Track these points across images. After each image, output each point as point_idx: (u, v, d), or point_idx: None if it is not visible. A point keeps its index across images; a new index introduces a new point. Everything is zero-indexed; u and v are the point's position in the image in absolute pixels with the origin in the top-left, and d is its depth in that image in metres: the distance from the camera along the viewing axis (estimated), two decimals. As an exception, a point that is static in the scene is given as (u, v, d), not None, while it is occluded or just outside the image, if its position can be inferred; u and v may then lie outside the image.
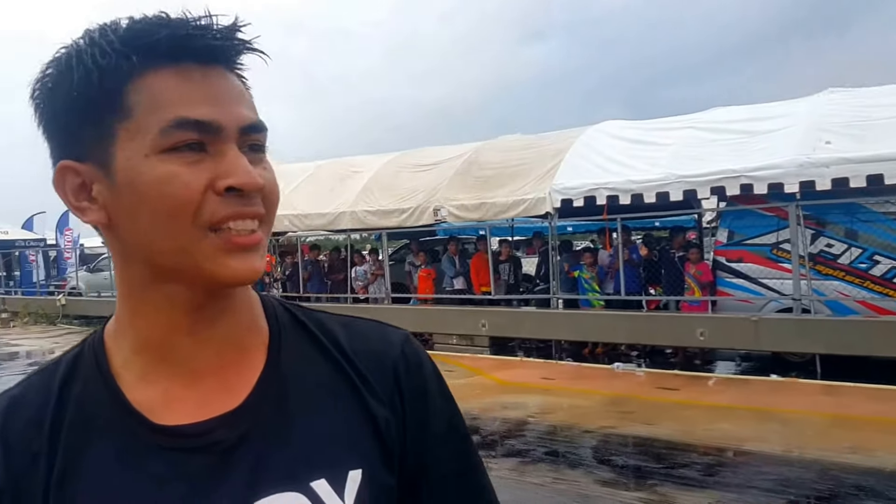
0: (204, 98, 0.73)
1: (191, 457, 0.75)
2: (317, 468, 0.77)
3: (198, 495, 0.73)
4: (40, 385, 0.79)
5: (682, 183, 10.15)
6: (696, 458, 6.13)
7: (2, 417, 0.76)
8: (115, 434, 0.75)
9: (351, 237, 16.15)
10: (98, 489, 0.73)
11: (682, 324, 10.35)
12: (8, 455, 0.74)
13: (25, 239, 28.75)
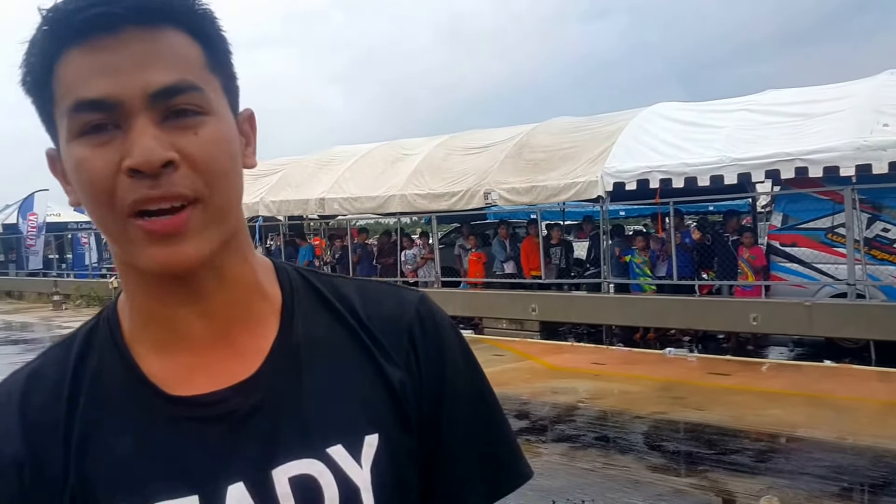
0: (100, 71, 0.69)
1: (206, 427, 0.75)
2: (332, 434, 0.77)
3: (214, 464, 0.74)
4: (57, 358, 0.80)
5: (737, 166, 10.10)
6: (747, 445, 6.17)
7: (22, 391, 0.77)
8: (131, 406, 0.76)
9: (400, 221, 16.36)
10: (116, 460, 0.74)
11: (735, 309, 10.33)
12: (28, 428, 0.75)
13: (78, 221, 29.30)
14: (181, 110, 0.70)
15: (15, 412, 0.76)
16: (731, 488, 5.19)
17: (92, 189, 0.70)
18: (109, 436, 0.75)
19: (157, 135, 0.68)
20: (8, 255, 29.37)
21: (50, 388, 0.77)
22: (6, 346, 14.04)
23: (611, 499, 5.01)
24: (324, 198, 15.92)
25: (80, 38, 0.69)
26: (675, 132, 11.68)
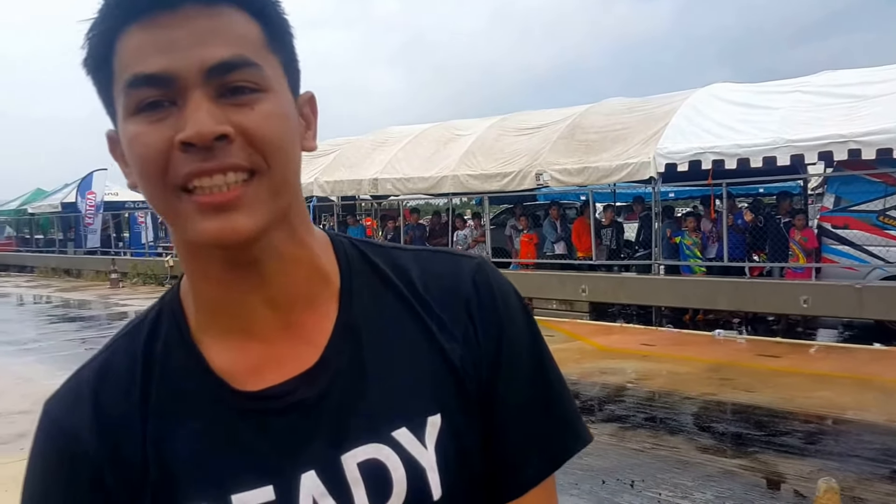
0: (158, 47, 0.68)
1: (274, 419, 0.76)
2: (397, 417, 0.77)
3: (285, 456, 0.75)
4: (126, 349, 0.80)
5: (790, 147, 10.07)
6: (797, 426, 6.29)
7: (94, 386, 0.78)
8: (203, 400, 0.77)
9: (452, 201, 16.54)
10: (192, 455, 0.75)
11: (786, 291, 10.36)
12: (103, 424, 0.76)
13: (135, 200, 29.67)
14: (238, 87, 0.70)
15: (89, 409, 0.77)
16: (781, 470, 5.31)
17: (144, 164, 0.70)
18: (184, 430, 0.76)
19: (212, 109, 0.68)
20: (67, 233, 30.03)
21: (121, 383, 0.78)
22: (64, 323, 14.57)
23: (660, 479, 5.16)
24: (377, 178, 16.15)
25: (142, 16, 0.69)
26: (728, 113, 11.63)
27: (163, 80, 0.68)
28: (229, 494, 0.74)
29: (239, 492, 0.74)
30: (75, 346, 11.46)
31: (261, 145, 0.70)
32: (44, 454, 0.77)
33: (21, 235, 34.63)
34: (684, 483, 5.09)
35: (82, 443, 0.76)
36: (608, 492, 4.98)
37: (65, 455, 0.76)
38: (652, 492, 4.95)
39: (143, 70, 0.68)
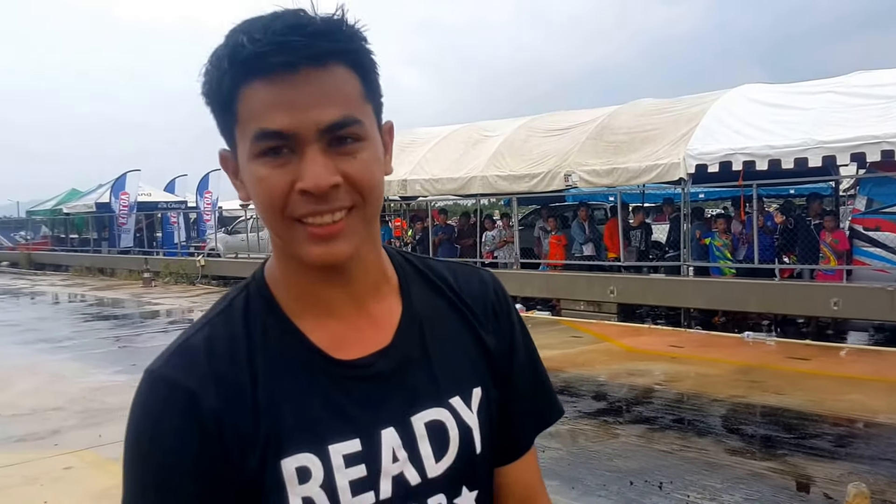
0: (283, 107, 0.83)
1: (361, 384, 0.93)
2: (452, 387, 0.98)
3: (370, 414, 0.92)
4: (225, 327, 0.93)
5: (822, 149, 9.99)
6: (826, 429, 6.25)
7: (206, 352, 0.90)
8: (303, 366, 0.92)
9: (480, 202, 16.56)
10: (296, 412, 0.89)
11: (816, 293, 10.28)
12: (221, 386, 0.88)
13: (168, 201, 29.90)
14: (343, 137, 0.86)
15: (206, 371, 0.89)
16: (811, 473, 5.28)
17: (269, 201, 0.86)
18: (288, 391, 0.90)
19: (325, 162, 0.85)
20: (101, 232, 30.47)
21: (228, 352, 0.91)
22: (98, 321, 14.81)
23: (689, 481, 5.15)
24: (406, 179, 16.24)
25: (266, 73, 0.83)
26: (759, 114, 11.56)
27: (285, 136, 0.84)
28: (326, 445, 0.89)
29: (334, 443, 0.90)
30: (109, 343, 11.67)
31: (360, 188, 0.88)
32: (163, 414, 0.87)
33: (56, 235, 35.11)
34: (713, 485, 5.08)
35: (203, 399, 0.87)
36: (636, 493, 4.98)
37: (189, 413, 0.87)
38: (680, 493, 4.94)
39: (270, 126, 0.84)
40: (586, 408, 7.13)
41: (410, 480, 0.93)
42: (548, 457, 5.76)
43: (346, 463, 0.90)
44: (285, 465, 0.88)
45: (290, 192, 0.85)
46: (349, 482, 0.90)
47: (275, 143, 0.84)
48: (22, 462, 5.84)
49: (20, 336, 12.76)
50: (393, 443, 0.93)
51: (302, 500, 0.88)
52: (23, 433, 6.73)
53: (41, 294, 21.20)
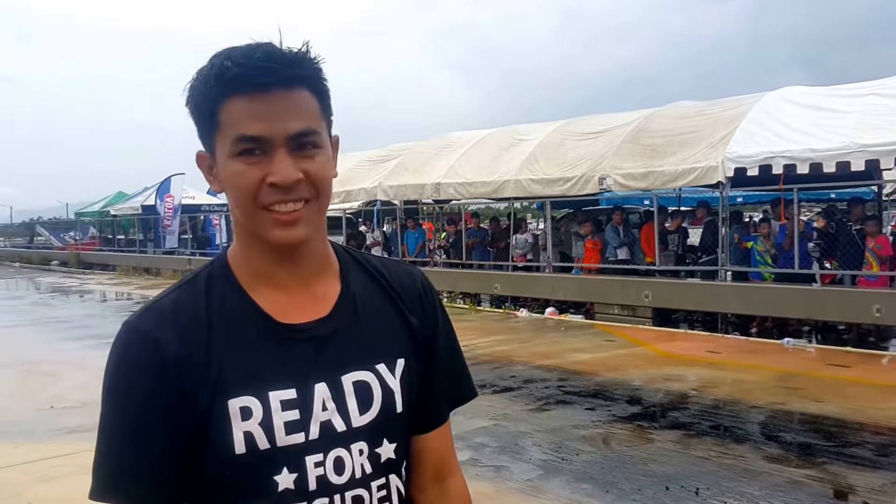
0: (259, 117, 1.05)
1: (300, 344, 1.12)
2: (378, 356, 1.18)
3: (306, 369, 1.11)
4: (189, 293, 1.13)
5: (865, 152, 9.70)
6: (868, 438, 6.02)
7: (172, 311, 1.10)
8: (252, 328, 1.11)
9: (513, 205, 16.42)
10: (244, 363, 1.08)
11: (858, 299, 9.98)
12: (181, 337, 1.07)
13: (210, 204, 30.68)
14: (305, 143, 1.08)
15: (171, 325, 1.08)
16: (852, 482, 5.09)
17: (243, 192, 1.08)
18: (239, 346, 1.09)
19: (290, 162, 1.07)
20: (147, 234, 31.07)
21: (191, 312, 1.10)
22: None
23: (726, 487, 5.00)
24: (439, 182, 16.21)
25: (246, 91, 1.05)
26: (800, 117, 11.28)
27: (259, 140, 1.06)
28: (267, 391, 1.08)
29: (273, 390, 1.08)
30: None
31: (317, 183, 1.10)
32: (133, 356, 1.07)
33: (104, 236, 35.85)
34: (751, 492, 4.93)
35: (167, 347, 1.06)
36: (672, 498, 4.85)
37: (154, 356, 1.06)
38: (717, 500, 4.80)
39: (248, 132, 1.05)
40: (620, 412, 6.97)
41: (337, 427, 1.12)
42: (581, 460, 5.63)
43: (282, 407, 1.08)
44: (231, 404, 1.06)
45: (261, 184, 1.06)
46: (284, 423, 1.08)
47: (251, 146, 1.06)
48: (74, 453, 5.97)
49: (70, 332, 12.97)
50: (324, 395, 1.11)
51: (243, 434, 1.06)
52: (74, 425, 6.87)
53: (89, 292, 21.55)
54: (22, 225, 56.27)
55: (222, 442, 1.05)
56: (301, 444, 1.09)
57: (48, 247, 41.27)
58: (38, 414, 7.32)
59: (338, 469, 1.11)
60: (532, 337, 11.65)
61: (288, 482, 1.08)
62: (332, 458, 1.11)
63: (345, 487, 1.12)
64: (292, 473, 1.08)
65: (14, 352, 11.00)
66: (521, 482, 5.22)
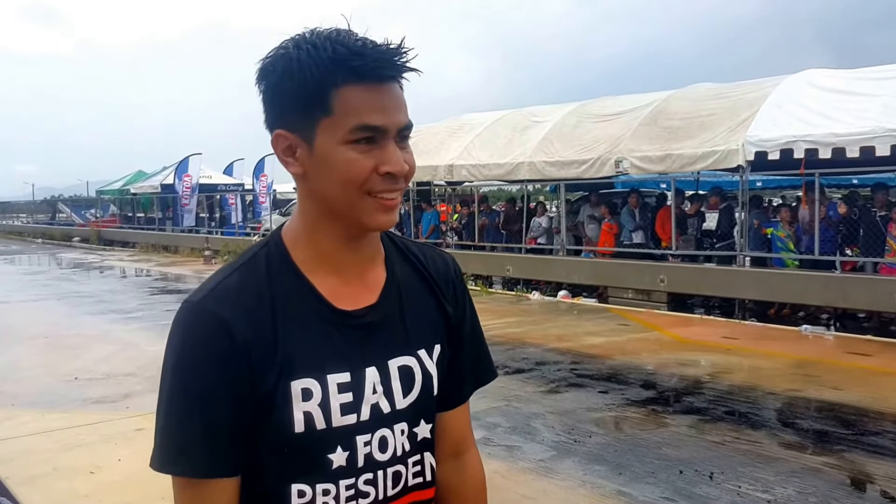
0: (378, 109, 1.08)
1: (354, 331, 1.16)
2: (419, 341, 1.23)
3: (358, 354, 1.15)
4: (251, 274, 1.14)
5: (891, 137, 9.44)
6: (888, 427, 5.86)
7: (236, 292, 1.11)
8: (311, 311, 1.14)
9: (527, 188, 16.25)
10: (305, 346, 1.11)
11: (879, 287, 9.76)
12: (249, 319, 1.09)
13: (226, 183, 31.04)
14: (405, 136, 1.13)
15: (237, 306, 1.09)
16: (870, 470, 4.97)
17: (354, 178, 1.09)
18: (300, 329, 1.12)
19: (399, 154, 1.11)
20: (165, 212, 31.30)
21: (254, 293, 1.11)
22: (164, 294, 15.16)
23: (741, 472, 4.89)
24: (453, 164, 16.06)
25: (362, 81, 1.07)
26: (823, 100, 11.03)
27: (380, 130, 1.08)
28: (326, 374, 1.12)
29: (331, 373, 1.13)
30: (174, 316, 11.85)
31: (409, 175, 1.13)
32: (203, 335, 1.08)
33: (124, 213, 36.18)
34: (766, 477, 4.83)
35: (236, 327, 1.07)
36: (686, 482, 4.75)
37: (223, 336, 1.07)
38: (731, 484, 4.70)
39: (371, 122, 1.07)
40: (634, 396, 6.85)
41: (383, 409, 1.17)
42: (594, 442, 5.54)
43: (338, 390, 1.13)
44: (293, 386, 1.10)
45: (372, 172, 1.09)
46: (339, 405, 1.13)
47: (369, 135, 1.08)
48: (98, 422, 6.16)
49: (93, 307, 13.12)
50: (374, 379, 1.16)
51: (303, 414, 1.10)
52: (98, 396, 7.06)
53: (110, 268, 21.79)
54: (44, 202, 56.85)
55: (283, 421, 1.10)
56: (353, 424, 1.14)
57: (70, 223, 41.71)
58: (64, 385, 7.48)
59: (382, 447, 1.18)
60: (545, 320, 11.54)
61: (341, 460, 1.13)
62: (377, 438, 1.17)
63: (387, 464, 1.18)
64: (345, 452, 1.14)
65: (38, 325, 11.17)
66: (534, 462, 5.16)
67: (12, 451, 5.45)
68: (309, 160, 1.11)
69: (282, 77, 1.08)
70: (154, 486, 4.56)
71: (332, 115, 1.07)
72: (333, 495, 1.14)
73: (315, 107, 1.08)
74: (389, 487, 1.19)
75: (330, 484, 1.14)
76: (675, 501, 4.44)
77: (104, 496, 4.65)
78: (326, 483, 1.13)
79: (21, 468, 5.08)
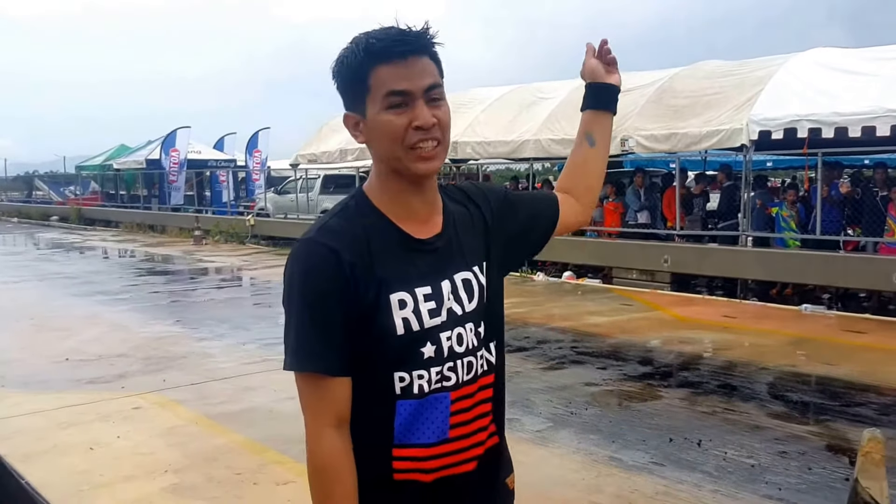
0: (403, 78, 1.46)
1: (428, 254, 1.56)
2: (472, 260, 1.62)
3: (433, 271, 1.55)
4: (346, 218, 1.53)
5: (891, 117, 9.99)
6: (873, 398, 6.49)
7: (341, 231, 1.50)
8: (396, 241, 1.53)
9: (533, 166, 16.72)
10: (395, 267, 1.51)
11: (878, 266, 10.37)
12: (353, 248, 1.48)
13: (217, 159, 30.73)
14: (434, 98, 1.50)
15: (343, 239, 1.49)
16: (850, 437, 5.49)
17: (394, 135, 1.48)
18: (391, 255, 1.52)
19: (428, 110, 1.49)
20: (151, 190, 31.39)
21: (353, 230, 1.51)
22: (152, 276, 15.61)
23: (728, 440, 5.46)
24: (457, 141, 16.43)
25: (388, 60, 1.47)
26: (828, 79, 11.57)
27: (406, 94, 1.47)
28: (413, 287, 1.52)
29: (417, 287, 1.52)
30: (163, 297, 12.38)
31: (443, 127, 1.52)
32: (320, 262, 1.47)
33: (106, 191, 36.09)
34: (751, 444, 5.39)
35: (344, 256, 1.47)
36: (675, 448, 5.33)
37: (336, 263, 1.47)
38: (718, 450, 5.27)
39: (396, 88, 1.47)
40: (632, 371, 7.47)
41: (457, 312, 1.57)
42: (590, 414, 6.14)
43: (424, 299, 1.53)
44: (392, 297, 1.50)
45: (408, 129, 1.47)
46: (427, 310, 1.53)
47: (398, 100, 1.46)
48: (94, 402, 6.45)
49: (78, 288, 13.50)
50: (447, 289, 1.57)
51: (401, 319, 1.50)
52: (92, 376, 7.35)
53: (92, 249, 22.04)
54: (18, 179, 56.67)
55: (386, 325, 1.49)
56: (438, 324, 1.53)
57: (47, 202, 41.53)
58: (55, 366, 7.76)
59: (458, 342, 1.57)
60: (548, 300, 12.16)
61: (430, 352, 1.53)
62: (455, 334, 1.56)
63: (463, 355, 1.58)
64: (433, 346, 1.53)
65: (21, 307, 11.47)
66: (531, 433, 5.71)
67: (8, 430, 5.73)
68: (366, 130, 1.53)
69: (339, 72, 1.53)
70: (154, 460, 5.13)
71: (371, 91, 1.48)
72: (427, 379, 1.53)
73: (361, 88, 1.49)
74: (465, 374, 1.58)
75: (423, 370, 1.52)
76: (664, 466, 5.00)
77: (104, 470, 4.95)
78: (420, 370, 1.52)
79: (18, 446, 5.34)
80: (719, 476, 4.83)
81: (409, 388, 1.52)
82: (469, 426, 1.61)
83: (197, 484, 4.75)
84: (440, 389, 1.55)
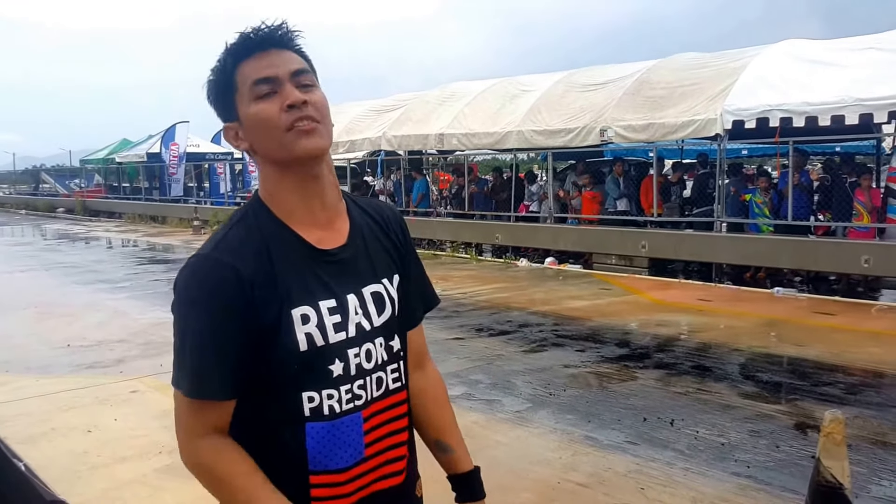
0: (266, 66, 1.39)
1: (333, 265, 1.45)
2: (382, 272, 1.53)
3: (338, 284, 1.44)
4: (244, 229, 1.41)
5: (859, 106, 9.93)
6: (840, 378, 6.45)
7: (240, 245, 1.38)
8: (300, 254, 1.42)
9: (516, 157, 16.64)
10: (299, 281, 1.39)
11: (847, 250, 10.34)
12: (252, 263, 1.36)
13: (215, 152, 30.74)
14: (304, 84, 1.41)
15: (242, 254, 1.37)
16: (818, 415, 5.42)
17: (269, 121, 1.38)
18: (293, 267, 1.40)
19: (296, 90, 1.39)
20: (152, 182, 31.39)
21: (251, 244, 1.39)
22: (153, 264, 15.55)
23: (700, 419, 5.42)
24: (443, 133, 16.43)
25: (249, 55, 1.40)
26: (799, 70, 11.48)
27: (271, 79, 1.39)
28: (317, 301, 1.41)
29: (321, 300, 1.42)
30: (163, 285, 12.24)
31: (320, 108, 1.41)
32: (216, 278, 1.35)
33: (109, 183, 36.17)
34: (722, 423, 5.36)
35: (243, 271, 1.35)
36: (648, 427, 5.28)
37: (233, 279, 1.35)
38: (690, 429, 5.22)
39: (260, 75, 1.39)
40: (609, 353, 7.41)
41: (365, 327, 1.48)
42: (567, 395, 6.08)
43: (329, 313, 1.43)
44: (294, 313, 1.39)
45: (280, 111, 1.37)
46: (332, 324, 1.43)
47: (265, 87, 1.38)
48: (93, 385, 6.45)
49: (81, 277, 13.49)
50: (354, 303, 1.47)
51: (304, 335, 1.39)
52: (92, 361, 7.36)
53: (96, 239, 22.05)
54: (26, 172, 56.67)
55: (289, 342, 1.37)
56: (344, 340, 1.43)
57: (54, 194, 41.75)
58: (56, 351, 7.76)
59: (367, 358, 1.47)
60: (530, 285, 12.08)
61: (338, 370, 1.42)
62: (364, 350, 1.46)
63: (372, 371, 1.48)
64: (340, 363, 1.42)
65: (26, 295, 11.46)
66: (510, 413, 5.67)
67: (9, 413, 5.74)
68: (245, 132, 1.43)
69: (209, 82, 1.45)
70: (149, 442, 5.08)
71: (239, 88, 1.40)
72: (337, 399, 1.42)
73: (229, 90, 1.42)
74: (375, 390, 1.48)
75: (332, 389, 1.41)
76: (637, 444, 4.96)
77: (102, 452, 4.96)
78: (330, 389, 1.41)
79: (19, 429, 5.35)
80: (691, 454, 4.77)
81: (318, 410, 1.41)
82: (385, 441, 1.52)
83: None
84: (352, 410, 1.45)
